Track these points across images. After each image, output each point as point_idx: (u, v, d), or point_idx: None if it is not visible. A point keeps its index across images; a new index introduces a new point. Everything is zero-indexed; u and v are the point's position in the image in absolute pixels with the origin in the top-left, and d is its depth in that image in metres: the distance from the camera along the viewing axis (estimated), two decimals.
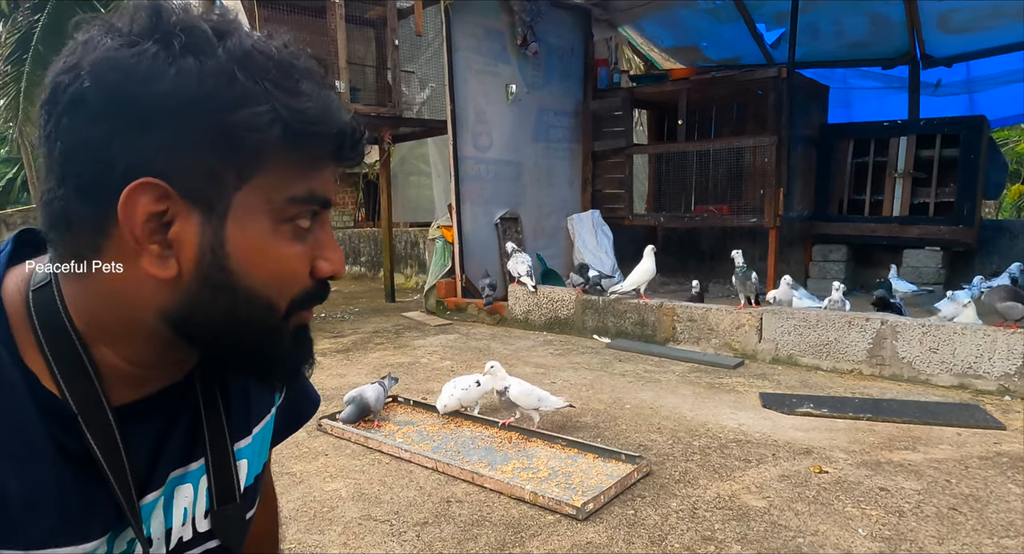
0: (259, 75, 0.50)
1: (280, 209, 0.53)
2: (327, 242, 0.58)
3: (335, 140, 0.54)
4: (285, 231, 0.54)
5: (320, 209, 0.56)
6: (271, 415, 0.75)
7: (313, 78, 0.54)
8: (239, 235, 0.52)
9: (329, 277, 0.59)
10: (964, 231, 6.13)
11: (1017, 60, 7.01)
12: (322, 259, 0.57)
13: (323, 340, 5.29)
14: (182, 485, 0.62)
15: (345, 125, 0.55)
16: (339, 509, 2.36)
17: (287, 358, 0.59)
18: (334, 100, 0.55)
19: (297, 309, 0.57)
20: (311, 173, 0.54)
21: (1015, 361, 3.58)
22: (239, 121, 0.49)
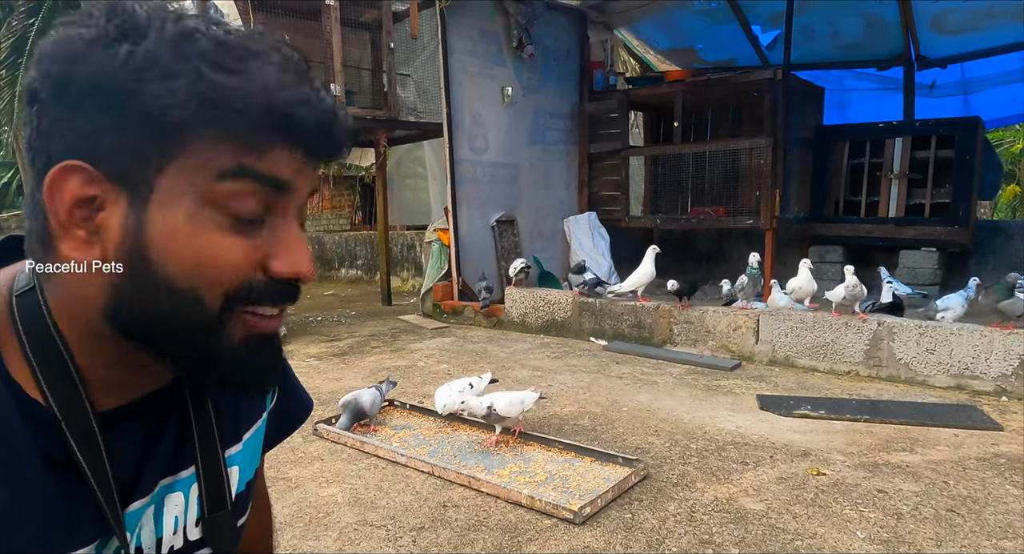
0: (192, 55, 0.48)
1: (207, 190, 0.49)
2: (286, 237, 0.53)
3: (280, 119, 0.49)
4: (213, 216, 0.49)
5: (273, 193, 0.51)
6: (262, 420, 0.74)
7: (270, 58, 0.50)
8: (159, 219, 0.48)
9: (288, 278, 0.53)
10: (960, 232, 6.14)
11: (1012, 61, 7.03)
12: (275, 256, 0.52)
13: (319, 344, 5.27)
14: (172, 493, 0.61)
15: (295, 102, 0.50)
16: (335, 514, 2.35)
17: (236, 364, 0.54)
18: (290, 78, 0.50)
19: (239, 306, 0.52)
20: (247, 152, 0.49)
21: (1012, 362, 3.58)
22: (158, 97, 0.47)
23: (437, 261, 6.37)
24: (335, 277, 10.34)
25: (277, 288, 0.53)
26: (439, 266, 6.34)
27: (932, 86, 7.56)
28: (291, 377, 0.82)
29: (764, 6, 6.99)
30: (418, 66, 7.32)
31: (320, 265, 10.61)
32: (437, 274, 6.33)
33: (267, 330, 0.54)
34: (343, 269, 10.29)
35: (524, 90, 6.68)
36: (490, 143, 6.42)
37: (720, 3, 7.13)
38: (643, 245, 8.23)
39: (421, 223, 8.86)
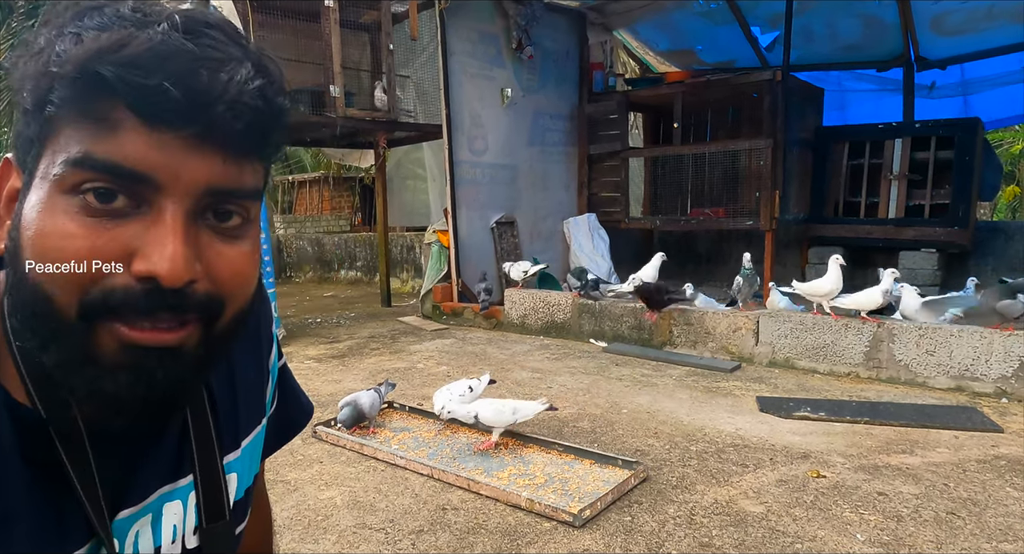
0: (67, 31, 0.45)
1: (58, 177, 0.45)
2: (152, 233, 0.46)
3: (126, 92, 0.43)
4: (62, 202, 0.45)
5: (132, 185, 0.45)
6: (262, 426, 0.73)
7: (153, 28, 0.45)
8: (27, 205, 0.46)
9: (146, 277, 0.45)
10: (959, 233, 6.14)
11: (1011, 62, 7.03)
12: (138, 253, 0.46)
13: (319, 345, 5.27)
14: (171, 502, 0.60)
15: (150, 70, 0.43)
16: (334, 517, 2.34)
17: (96, 384, 0.47)
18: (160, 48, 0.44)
19: (104, 316, 0.46)
20: (96, 134, 0.44)
21: (1012, 363, 3.57)
22: (27, 78, 0.46)
23: (436, 263, 6.36)
24: (334, 278, 10.34)
25: (147, 295, 0.46)
26: (438, 268, 6.33)
27: (931, 87, 7.56)
28: (291, 382, 0.81)
29: (763, 7, 6.99)
30: (417, 68, 7.33)
31: (320, 266, 10.60)
32: (437, 276, 6.32)
33: (148, 341, 0.47)
34: (343, 270, 10.28)
35: (523, 91, 6.68)
36: (489, 144, 6.42)
37: (719, 4, 7.13)
38: (643, 246, 8.27)
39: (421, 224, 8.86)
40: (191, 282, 0.47)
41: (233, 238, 0.51)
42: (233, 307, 0.52)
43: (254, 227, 0.53)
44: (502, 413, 2.86)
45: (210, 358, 0.52)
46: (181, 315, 0.48)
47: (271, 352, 0.75)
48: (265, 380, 0.74)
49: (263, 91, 0.48)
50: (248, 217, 0.52)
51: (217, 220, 0.50)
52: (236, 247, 0.51)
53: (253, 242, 0.53)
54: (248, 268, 0.52)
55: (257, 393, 0.72)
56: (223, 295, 0.50)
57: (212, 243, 0.49)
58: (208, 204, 0.48)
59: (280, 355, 0.78)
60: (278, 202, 15.63)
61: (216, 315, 0.50)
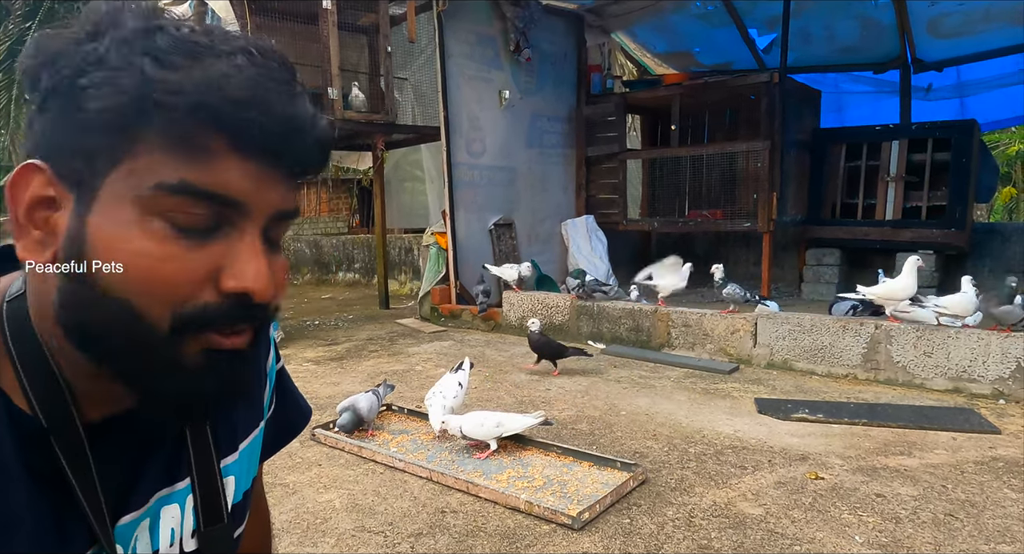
0: (141, 51, 0.46)
1: (149, 199, 0.46)
2: (240, 252, 0.49)
3: (224, 122, 0.46)
4: (157, 227, 0.46)
5: (222, 209, 0.48)
6: (259, 429, 0.73)
7: (230, 58, 0.47)
8: (101, 224, 0.47)
9: (238, 294, 0.49)
10: (956, 234, 6.16)
11: (1008, 64, 7.06)
12: (225, 270, 0.49)
13: (317, 348, 5.26)
14: (168, 506, 0.60)
15: (248, 106, 0.46)
16: (332, 520, 2.34)
17: (182, 386, 0.50)
18: (244, 77, 0.46)
19: (196, 330, 0.49)
20: (192, 160, 0.46)
21: (1009, 365, 3.58)
22: (101, 96, 0.46)
23: (435, 265, 6.36)
24: (332, 281, 10.33)
25: (234, 308, 0.49)
26: (437, 270, 6.33)
27: (928, 89, 7.59)
28: (289, 385, 0.81)
29: (760, 9, 7.02)
30: (415, 70, 7.34)
31: (317, 269, 10.59)
32: (435, 278, 6.32)
33: (228, 346, 0.51)
34: (340, 273, 10.28)
35: (521, 94, 6.69)
36: (487, 146, 6.43)
37: (717, 6, 7.16)
38: (641, 248, 8.29)
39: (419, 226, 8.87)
40: (273, 296, 0.52)
41: (277, 251, 0.55)
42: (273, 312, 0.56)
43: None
44: (483, 426, 2.82)
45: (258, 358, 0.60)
46: (255, 324, 0.53)
47: (269, 355, 0.75)
48: (263, 383, 0.74)
49: (328, 125, 0.53)
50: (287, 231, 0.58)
51: (270, 236, 0.53)
52: (279, 259, 0.55)
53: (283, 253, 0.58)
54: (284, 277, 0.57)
55: (256, 396, 0.72)
56: (275, 303, 0.54)
57: (270, 258, 0.53)
58: (272, 225, 0.52)
59: (278, 358, 0.78)
60: None
61: (268, 321, 0.55)
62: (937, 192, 6.33)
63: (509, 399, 3.73)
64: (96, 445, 0.53)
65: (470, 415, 2.90)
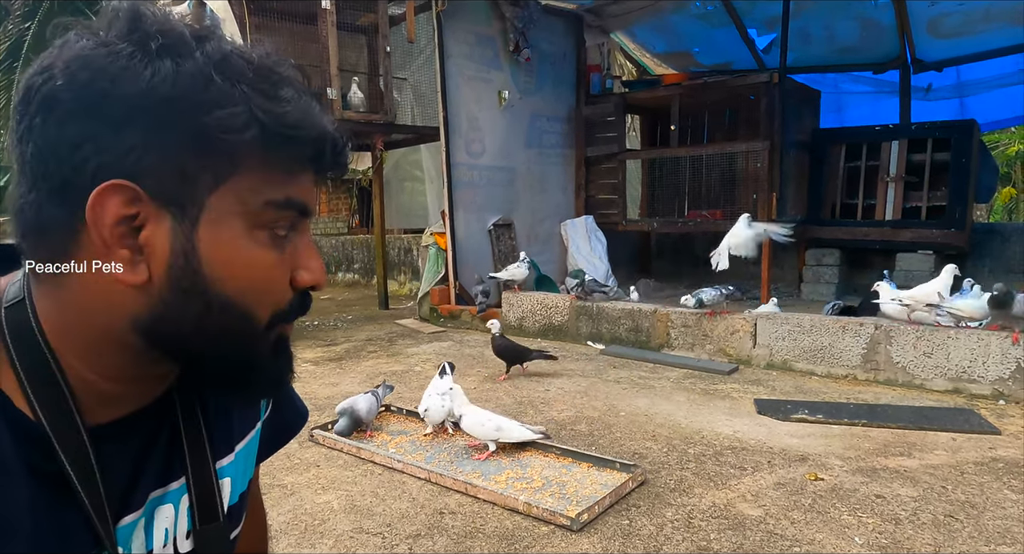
0: (236, 78, 0.50)
1: (256, 213, 0.52)
2: (306, 251, 0.57)
3: (315, 146, 0.54)
4: (261, 237, 0.53)
5: (299, 217, 0.55)
6: (256, 431, 0.73)
7: (293, 85, 0.54)
8: (212, 239, 0.51)
9: (310, 287, 0.58)
10: (956, 235, 6.15)
11: (1007, 64, 7.05)
12: (302, 269, 0.56)
13: (316, 348, 5.26)
14: (162, 506, 0.60)
15: (326, 132, 0.54)
16: (330, 522, 2.33)
17: (267, 371, 0.58)
18: (314, 107, 0.55)
19: (280, 322, 0.56)
20: (289, 178, 0.54)
21: (1009, 365, 3.58)
22: (215, 122, 0.48)
23: (434, 265, 6.36)
24: (332, 281, 10.32)
25: (301, 299, 0.58)
26: (436, 270, 6.33)
27: (928, 89, 7.58)
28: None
29: (760, 10, 7.01)
30: (415, 70, 7.33)
31: None
32: (434, 278, 6.32)
33: (286, 333, 0.59)
34: (340, 273, 10.27)
35: (521, 94, 6.68)
36: (487, 147, 6.42)
37: (716, 6, 7.15)
38: (640, 248, 8.28)
39: (419, 226, 8.86)
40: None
41: None
42: None
43: None
44: (483, 426, 2.82)
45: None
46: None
47: None
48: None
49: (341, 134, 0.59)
50: None
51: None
52: None
53: None
54: None
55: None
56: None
57: None
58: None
59: None
60: None
61: None
62: (937, 192, 6.32)
63: (508, 399, 3.72)
64: (99, 447, 0.53)
65: (471, 410, 2.89)
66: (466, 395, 3.03)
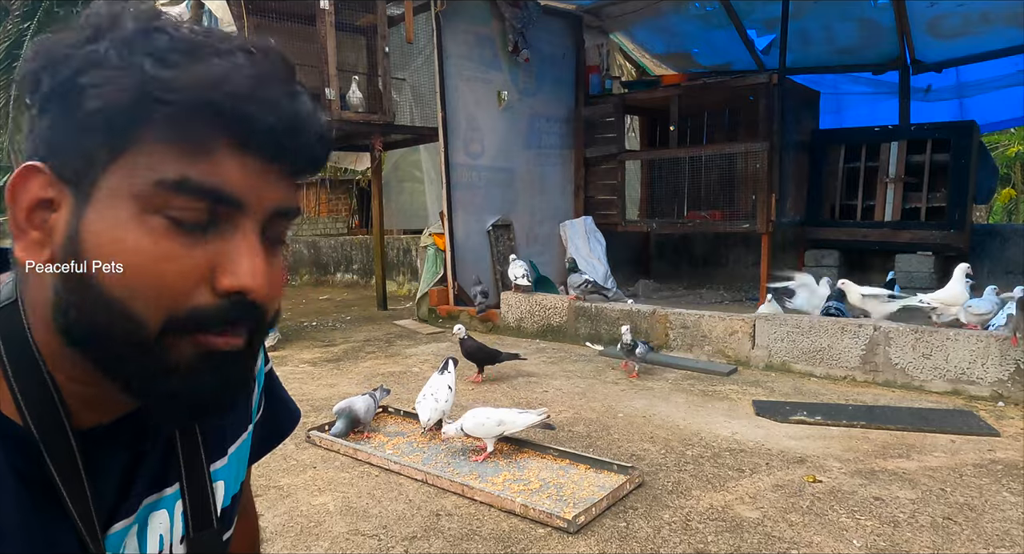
0: (141, 51, 0.46)
1: (147, 195, 0.46)
2: (237, 250, 0.48)
3: (223, 118, 0.46)
4: (155, 224, 0.46)
5: (217, 206, 0.47)
6: (248, 433, 0.72)
7: (233, 57, 0.47)
8: (97, 222, 0.46)
9: (240, 293, 0.48)
10: (955, 236, 6.14)
11: (1007, 65, 7.05)
12: (223, 269, 0.48)
13: (314, 349, 5.24)
14: (156, 512, 0.60)
15: (246, 102, 0.46)
16: (326, 524, 2.32)
17: (184, 384, 0.49)
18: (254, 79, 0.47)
19: (189, 331, 0.48)
20: (193, 157, 0.46)
21: (1008, 367, 3.57)
22: (99, 94, 0.46)
23: (432, 266, 6.35)
24: (331, 282, 10.31)
25: (230, 308, 0.48)
26: (435, 271, 6.32)
27: (927, 90, 7.58)
28: (278, 387, 0.80)
29: (759, 10, 7.00)
30: (414, 70, 7.32)
31: (316, 269, 10.57)
32: (433, 279, 6.31)
33: (223, 347, 0.50)
34: (339, 273, 10.26)
35: (520, 94, 6.67)
36: (486, 147, 6.41)
37: (716, 7, 7.14)
38: (639, 249, 8.27)
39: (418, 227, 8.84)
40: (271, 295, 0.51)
41: (276, 251, 0.54)
42: (272, 313, 0.55)
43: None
44: (484, 425, 2.80)
45: (256, 359, 0.57)
46: (253, 324, 0.51)
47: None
48: (251, 386, 0.73)
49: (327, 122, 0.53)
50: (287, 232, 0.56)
51: (271, 238, 0.53)
52: (278, 259, 0.54)
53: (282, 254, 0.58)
54: (283, 278, 0.58)
55: (243, 399, 0.71)
56: (273, 304, 0.54)
57: (269, 258, 0.52)
58: (271, 224, 0.52)
59: (266, 360, 0.77)
60: None
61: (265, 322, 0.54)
62: (936, 193, 6.32)
63: (506, 401, 3.71)
64: (88, 453, 0.52)
65: (471, 413, 2.88)
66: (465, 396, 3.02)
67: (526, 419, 2.85)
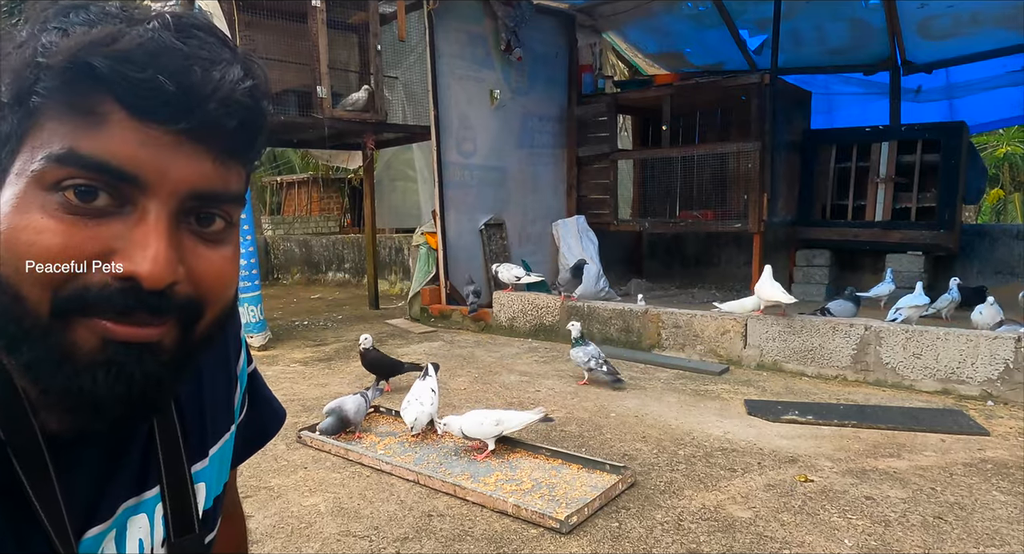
0: (55, 26, 0.45)
1: (39, 172, 0.44)
2: (137, 235, 0.45)
3: (117, 85, 0.43)
4: (50, 202, 0.44)
5: (118, 184, 0.44)
6: (231, 434, 0.71)
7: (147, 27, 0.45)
8: (4, 201, 0.45)
9: (126, 277, 0.45)
10: (945, 236, 6.18)
11: (995, 66, 7.10)
12: (118, 252, 0.45)
13: (305, 348, 5.22)
14: (136, 516, 0.58)
15: (139, 64, 0.43)
16: (317, 525, 2.30)
17: (75, 381, 0.45)
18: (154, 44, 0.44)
19: (81, 314, 0.45)
20: (82, 128, 0.44)
21: (998, 366, 3.59)
22: (5, 69, 0.45)
23: (425, 265, 6.33)
24: (322, 281, 10.27)
25: (120, 294, 0.45)
26: (427, 270, 6.30)
27: (918, 91, 7.61)
28: (262, 387, 0.79)
29: (752, 11, 7.02)
30: (406, 69, 7.29)
31: (308, 268, 10.53)
32: (425, 278, 6.29)
33: (124, 337, 0.46)
34: (331, 272, 10.22)
35: (512, 93, 6.66)
36: (478, 146, 6.40)
37: (708, 7, 7.15)
38: (632, 248, 8.28)
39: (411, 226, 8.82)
40: (172, 284, 0.47)
41: (216, 242, 0.51)
42: (213, 312, 0.52)
43: (236, 232, 0.53)
44: (482, 425, 2.80)
45: (188, 361, 0.52)
46: (159, 317, 0.47)
47: (239, 357, 0.73)
48: (233, 386, 0.72)
49: (253, 92, 0.48)
50: (231, 221, 0.52)
51: (200, 224, 0.49)
52: (218, 251, 0.51)
53: (235, 247, 0.53)
54: (230, 273, 0.53)
55: (225, 400, 0.70)
56: (204, 299, 0.50)
57: (195, 247, 0.49)
58: (193, 207, 0.48)
59: (249, 360, 0.76)
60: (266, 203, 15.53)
61: (196, 319, 0.50)
62: (926, 194, 6.35)
63: (498, 401, 3.70)
64: (60, 456, 0.50)
65: (469, 415, 2.87)
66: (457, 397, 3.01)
67: (524, 417, 2.85)
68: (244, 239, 5.12)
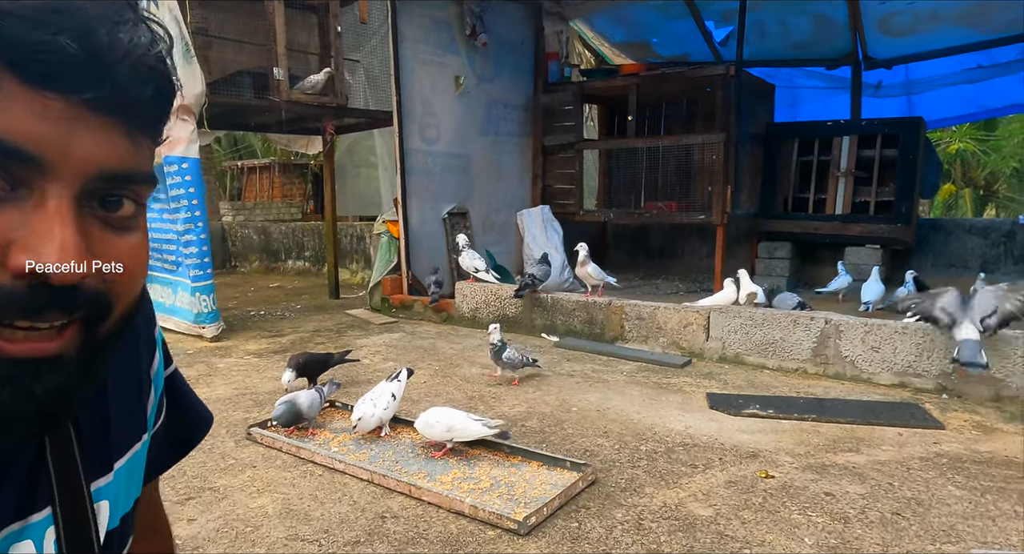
0: None
1: None
2: (39, 224, 0.40)
3: (11, 46, 0.38)
4: None
5: (14, 166, 0.39)
6: (142, 443, 0.63)
7: None
8: None
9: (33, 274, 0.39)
10: (902, 230, 6.28)
11: (951, 64, 7.24)
12: (17, 244, 0.39)
13: (260, 339, 5.05)
14: (20, 542, 0.49)
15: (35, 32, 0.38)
16: (264, 528, 2.19)
17: None
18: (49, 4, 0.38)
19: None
20: None
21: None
22: None
23: (386, 254, 6.19)
24: (281, 269, 10.02)
25: (27, 293, 0.40)
26: (388, 259, 6.16)
27: (878, 86, 7.72)
28: (184, 391, 0.72)
29: (717, 2, 7.01)
30: (368, 52, 7.10)
31: (266, 256, 10.26)
32: (386, 267, 6.15)
33: (23, 354, 0.41)
34: (290, 261, 9.97)
35: (477, 80, 6.53)
36: (442, 133, 6.26)
37: None
38: (597, 239, 8.25)
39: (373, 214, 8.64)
40: (83, 277, 0.41)
41: (124, 229, 0.45)
42: (122, 306, 0.47)
43: (144, 216, 0.48)
44: (434, 429, 2.69)
45: (94, 364, 0.47)
46: (69, 315, 0.42)
47: (153, 358, 0.65)
48: (146, 391, 0.64)
49: (162, 57, 0.44)
50: (140, 204, 0.47)
51: (105, 209, 0.44)
52: (127, 239, 0.45)
53: (144, 233, 0.47)
54: (141, 262, 0.47)
55: (134, 406, 0.62)
56: (113, 294, 0.45)
57: (101, 235, 0.44)
58: (97, 190, 0.43)
59: (168, 361, 0.69)
60: (227, 188, 15.11)
61: (103, 316, 0.45)
62: (885, 188, 6.44)
63: (459, 394, 3.62)
64: None
65: (426, 413, 2.77)
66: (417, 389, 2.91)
67: (477, 429, 2.71)
68: (196, 226, 4.92)
